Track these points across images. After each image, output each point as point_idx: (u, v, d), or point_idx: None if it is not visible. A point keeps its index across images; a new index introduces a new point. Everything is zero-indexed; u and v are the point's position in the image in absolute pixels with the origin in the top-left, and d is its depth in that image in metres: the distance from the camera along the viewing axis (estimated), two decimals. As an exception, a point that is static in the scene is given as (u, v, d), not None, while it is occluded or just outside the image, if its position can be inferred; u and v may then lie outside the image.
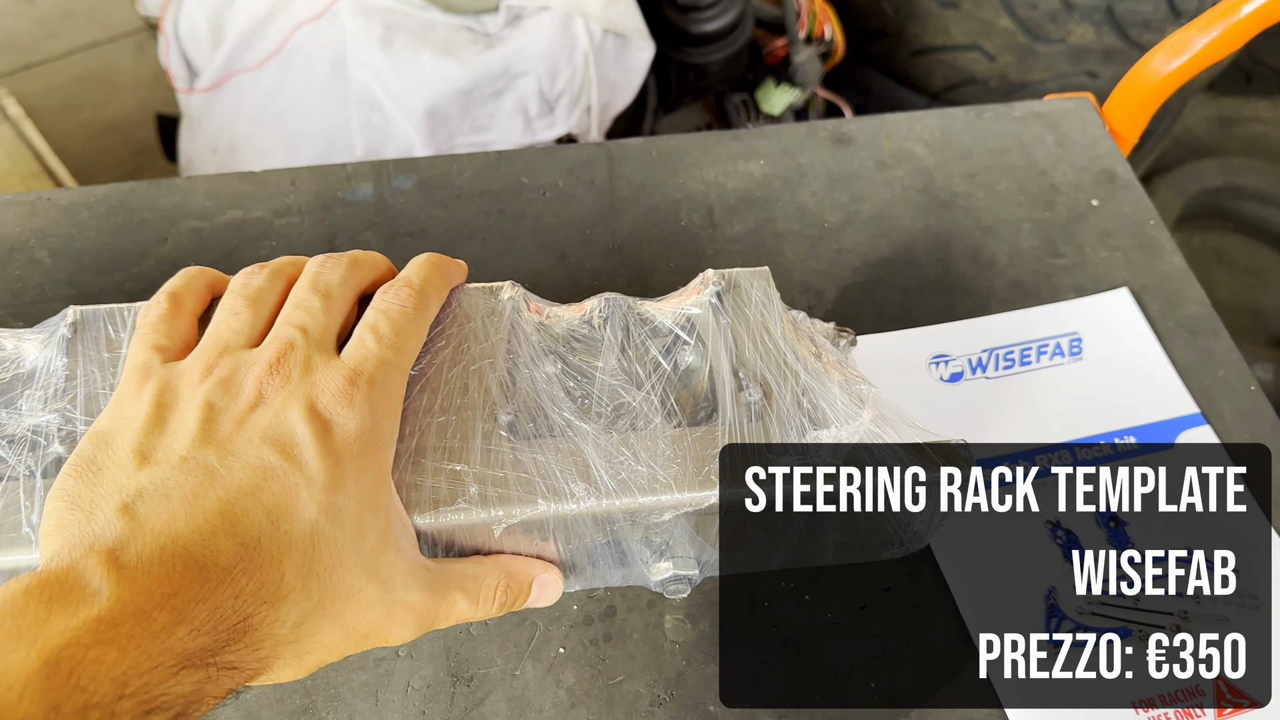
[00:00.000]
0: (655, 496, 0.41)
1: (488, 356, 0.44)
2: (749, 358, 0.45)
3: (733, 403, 0.43)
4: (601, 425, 0.43)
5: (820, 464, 0.42)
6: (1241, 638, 0.50)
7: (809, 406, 0.43)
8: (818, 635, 0.50)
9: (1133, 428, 0.57)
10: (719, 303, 0.46)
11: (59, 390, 0.42)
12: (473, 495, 0.41)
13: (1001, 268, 0.64)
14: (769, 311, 0.46)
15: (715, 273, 0.47)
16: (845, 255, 0.64)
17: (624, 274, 0.62)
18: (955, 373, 0.59)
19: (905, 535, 0.47)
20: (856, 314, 0.61)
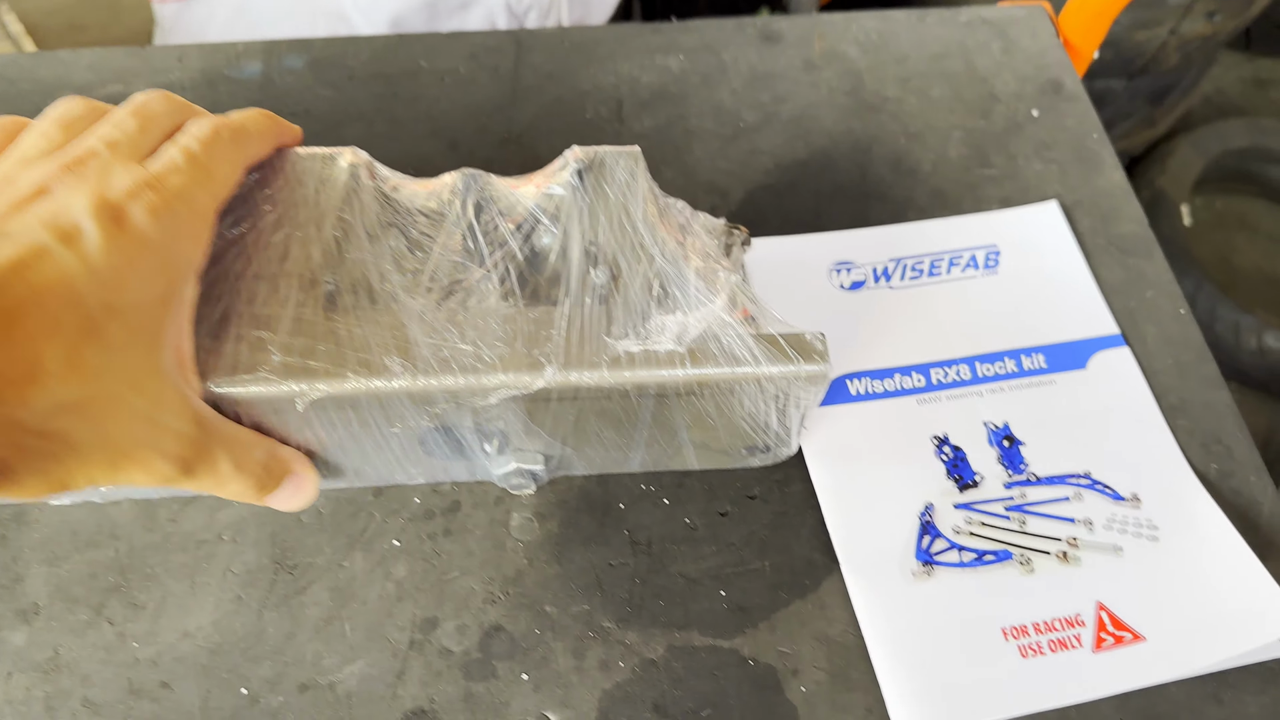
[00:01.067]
0: (477, 377, 0.38)
1: (314, 223, 0.41)
2: (603, 239, 0.41)
3: (578, 283, 0.40)
4: (431, 301, 0.40)
5: (665, 346, 0.39)
6: (1133, 568, 0.47)
7: (659, 291, 0.40)
8: (672, 540, 0.47)
9: (1043, 346, 0.53)
10: (579, 181, 0.43)
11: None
12: (276, 364, 0.38)
13: (924, 176, 0.60)
14: (632, 193, 0.43)
15: (580, 150, 0.43)
16: (758, 157, 0.60)
17: (516, 165, 0.58)
18: (857, 281, 0.55)
19: (766, 437, 0.44)
20: (762, 217, 0.57)
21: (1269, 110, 2.07)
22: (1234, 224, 1.88)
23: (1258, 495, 0.50)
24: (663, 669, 0.44)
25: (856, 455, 0.49)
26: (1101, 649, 0.45)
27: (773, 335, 0.40)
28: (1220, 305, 1.60)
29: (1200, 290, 1.61)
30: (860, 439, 0.50)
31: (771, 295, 0.54)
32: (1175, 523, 0.48)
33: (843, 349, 0.52)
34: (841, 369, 0.52)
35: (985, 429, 0.50)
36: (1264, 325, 1.58)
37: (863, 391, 0.51)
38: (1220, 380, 0.53)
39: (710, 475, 0.49)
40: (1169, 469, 0.50)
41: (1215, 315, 1.60)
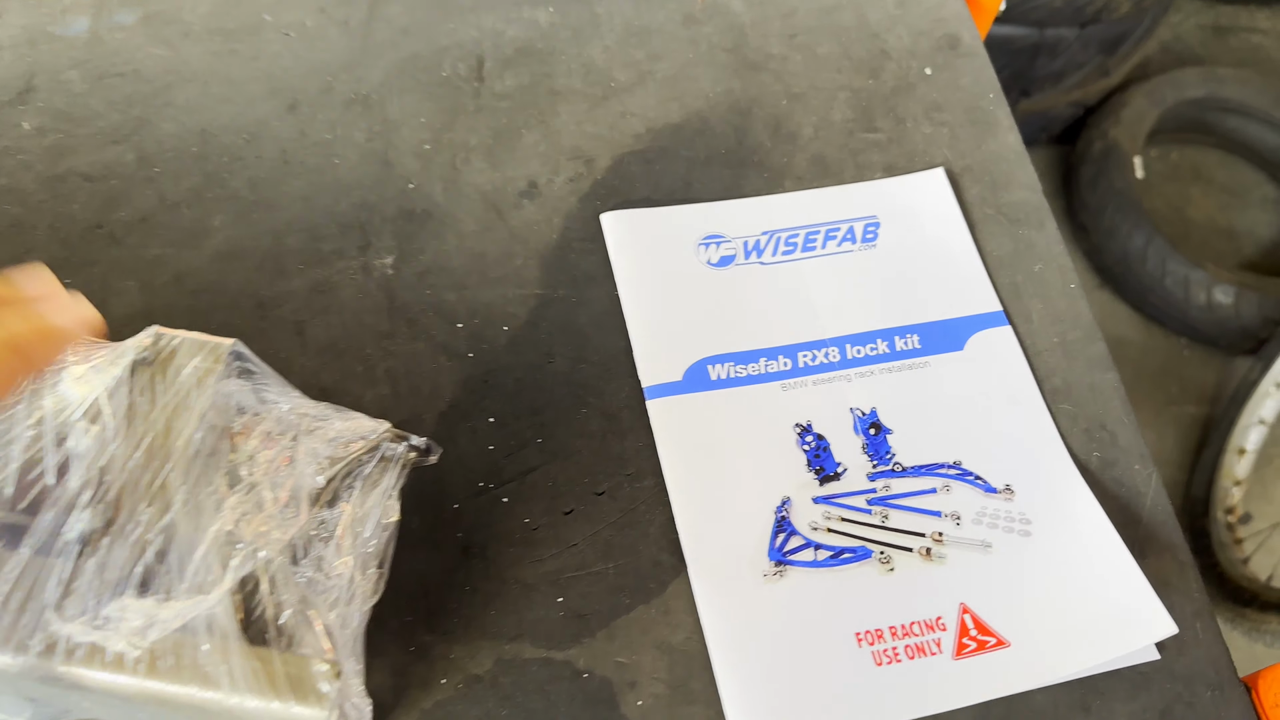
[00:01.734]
0: None
1: None
2: (120, 464, 0.33)
3: (55, 523, 0.32)
4: None
5: (115, 645, 0.31)
6: (1001, 566, 0.44)
7: (150, 559, 0.32)
8: (509, 543, 0.44)
9: (918, 325, 0.50)
10: (130, 377, 0.35)
11: None
12: None
13: (805, 141, 0.56)
14: (188, 406, 0.35)
15: (153, 333, 0.36)
16: (629, 119, 0.56)
17: (362, 129, 0.54)
18: (726, 255, 0.51)
19: None
20: (630, 185, 0.53)
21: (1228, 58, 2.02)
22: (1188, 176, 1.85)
23: (1140, 485, 0.47)
24: (489, 685, 0.41)
25: (713, 447, 0.46)
26: (963, 655, 0.42)
27: (271, 654, 0.32)
28: (1171, 260, 1.58)
29: (1151, 244, 1.58)
30: (718, 429, 0.46)
31: (635, 272, 0.50)
32: (1049, 517, 0.45)
33: (706, 330, 0.49)
34: (703, 352, 0.48)
35: (851, 416, 0.47)
36: (1214, 280, 1.56)
37: (724, 377, 0.48)
38: (1108, 361, 0.50)
39: (556, 469, 0.45)
40: (1047, 458, 0.47)
41: (1166, 270, 1.58)
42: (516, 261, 0.51)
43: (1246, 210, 1.84)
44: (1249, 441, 1.47)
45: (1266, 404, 1.49)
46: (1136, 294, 1.61)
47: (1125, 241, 1.60)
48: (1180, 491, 1.50)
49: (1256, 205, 1.85)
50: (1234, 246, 1.78)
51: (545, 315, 0.49)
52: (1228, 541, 1.40)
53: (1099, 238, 1.62)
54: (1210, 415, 1.59)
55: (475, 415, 0.46)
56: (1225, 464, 1.47)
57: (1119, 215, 1.63)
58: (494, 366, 0.48)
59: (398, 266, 0.50)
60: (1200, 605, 0.45)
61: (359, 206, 0.51)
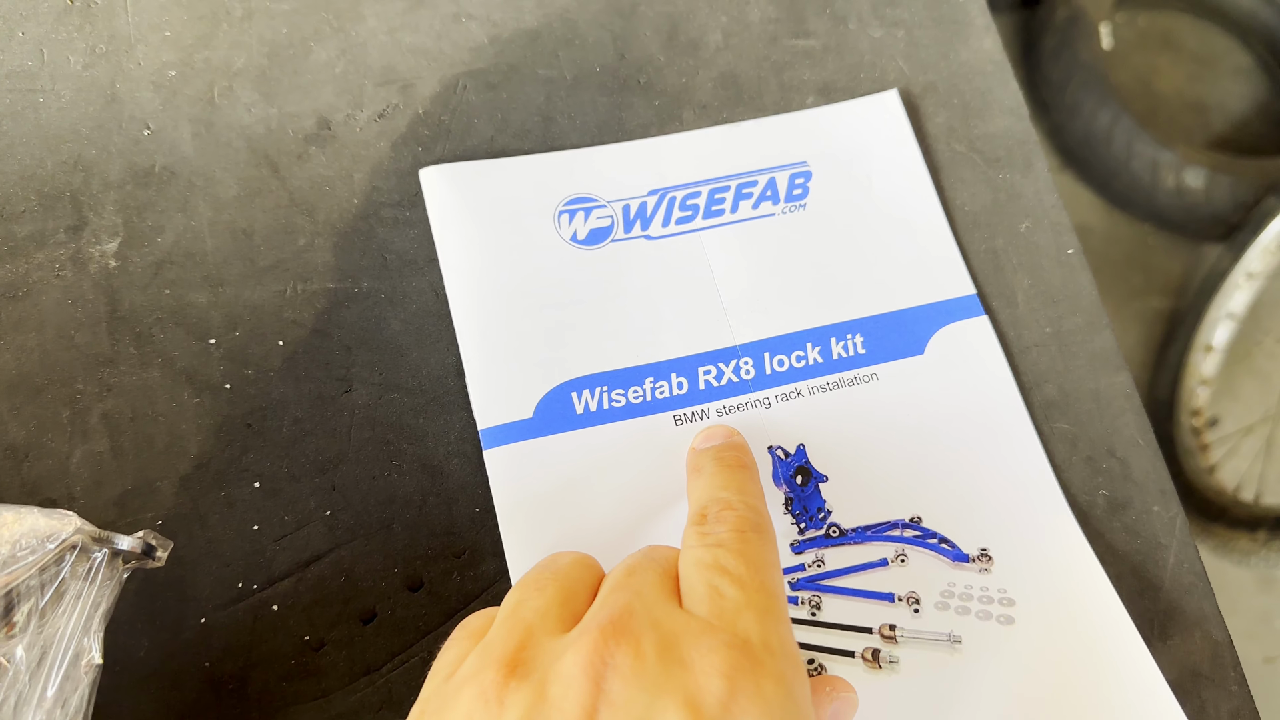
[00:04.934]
0: None
1: None
2: None
3: None
4: None
5: None
6: (974, 674, 0.32)
7: None
8: (281, 673, 0.31)
9: (863, 320, 0.36)
10: None
11: None
12: None
13: (710, 53, 0.40)
14: None
15: None
16: (466, 25, 0.40)
17: (80, 50, 0.37)
18: (599, 228, 0.37)
19: None
20: (465, 122, 0.38)
21: (1200, -89, 1.85)
22: (1157, 44, 1.70)
23: (1160, 534, 0.35)
24: None
25: (578, 514, 0.32)
26: (919, 806, 0.30)
27: None
28: (1138, 140, 1.45)
29: (1118, 123, 1.45)
30: (586, 487, 0.33)
31: (469, 255, 0.36)
32: (1039, 594, 0.33)
33: (569, 341, 0.35)
34: (564, 374, 0.34)
35: (771, 458, 0.34)
36: (1184, 162, 1.43)
37: (593, 409, 0.34)
38: (1118, 357, 0.37)
39: (353, 556, 0.32)
40: (1035, 506, 0.34)
41: (1133, 151, 1.45)
42: (299, 241, 0.36)
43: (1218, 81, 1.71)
44: (1216, 338, 1.37)
45: (1236, 296, 1.39)
46: (1101, 177, 1.49)
47: (1089, 120, 1.47)
48: (1143, 393, 1.41)
49: (1228, 75, 1.71)
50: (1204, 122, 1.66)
51: (340, 321, 0.35)
52: (1193, 448, 1.32)
53: (1061, 116, 1.48)
54: (1176, 308, 1.49)
55: (233, 479, 0.32)
56: (1191, 363, 1.38)
57: (1083, 90, 1.49)
58: (262, 403, 0.33)
59: (124, 254, 0.35)
60: (1240, 701, 0.33)
61: (71, 166, 0.36)
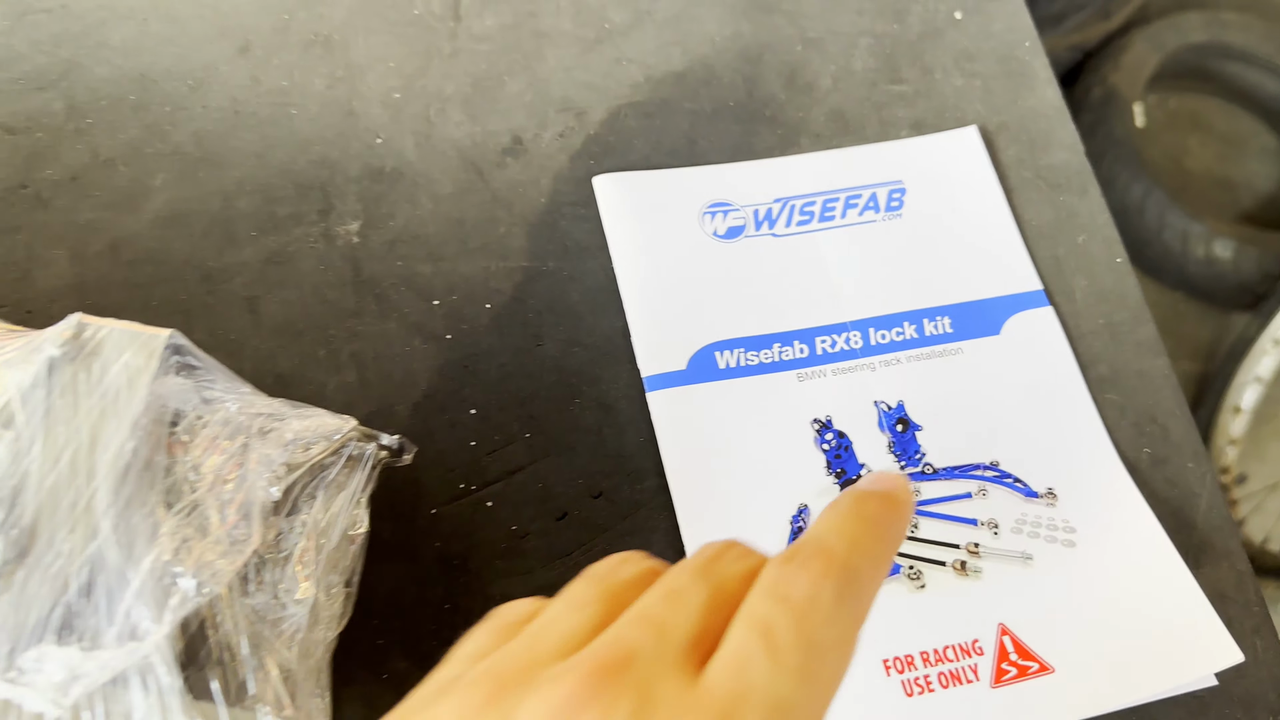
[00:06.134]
0: None
1: None
2: (35, 483, 0.28)
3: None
4: None
5: (32, 703, 0.26)
6: (1043, 581, 0.39)
7: (73, 598, 0.27)
8: (494, 553, 0.39)
9: (950, 306, 0.45)
10: (49, 380, 0.30)
11: None
12: None
13: (822, 93, 0.50)
14: (118, 410, 0.30)
15: (74, 325, 0.30)
16: (626, 66, 0.49)
17: (323, 75, 0.47)
18: (735, 226, 0.46)
19: None
20: (627, 143, 0.47)
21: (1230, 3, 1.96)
22: (1187, 124, 1.79)
23: (1194, 485, 0.42)
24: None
25: (722, 445, 0.41)
26: (1002, 682, 0.37)
27: (212, 710, 0.28)
28: (1169, 212, 1.53)
29: (1150, 196, 1.54)
30: (727, 425, 0.41)
31: (633, 244, 0.44)
32: (1096, 524, 0.40)
33: (712, 311, 0.43)
34: (709, 337, 0.43)
35: (876, 410, 0.42)
36: (1213, 234, 1.52)
37: (733, 365, 0.42)
38: (1159, 344, 0.45)
39: (547, 468, 0.40)
40: (1092, 457, 0.42)
41: (1164, 223, 1.54)
42: (499, 229, 0.45)
43: (1245, 161, 1.80)
44: (1245, 400, 1.44)
45: (1264, 361, 1.45)
46: (1134, 246, 1.57)
47: (1123, 193, 1.55)
48: (1174, 451, 1.47)
49: (1256, 156, 1.80)
50: (1232, 198, 1.74)
51: (533, 291, 0.44)
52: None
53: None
54: (1206, 372, 1.55)
55: (454, 407, 0.41)
56: (1220, 423, 1.44)
57: (1117, 165, 1.58)
58: (475, 350, 0.42)
59: (364, 234, 0.44)
60: (1260, 620, 0.40)
61: (319, 164, 0.45)
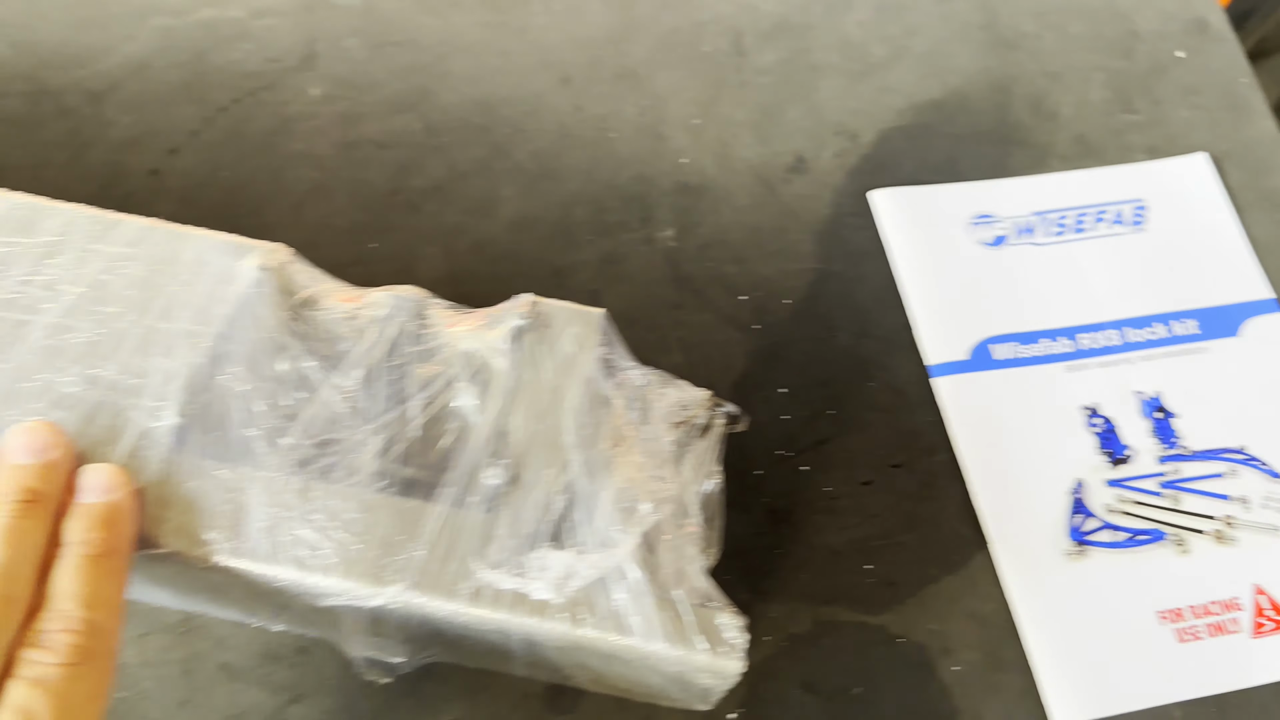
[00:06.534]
0: (308, 576, 0.32)
1: (189, 335, 0.35)
2: (517, 425, 0.35)
3: (467, 479, 0.34)
4: (288, 461, 0.34)
5: (539, 593, 0.33)
6: (1291, 548, 0.45)
7: (560, 513, 0.34)
8: (813, 510, 0.45)
9: (1194, 310, 0.50)
10: (515, 342, 0.37)
11: None
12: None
13: (1065, 120, 0.56)
14: (573, 370, 0.37)
15: (529, 301, 0.38)
16: (889, 95, 0.56)
17: (633, 104, 0.55)
18: (999, 236, 0.52)
19: (667, 697, 0.38)
20: (896, 161, 0.54)
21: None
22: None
23: None
24: (810, 644, 0.43)
25: (1002, 426, 0.47)
26: (1261, 633, 0.43)
27: (680, 607, 0.33)
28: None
29: None
30: (1007, 407, 0.48)
31: (911, 250, 0.51)
32: (1336, 501, 0.46)
33: (986, 309, 0.50)
34: (985, 332, 0.49)
35: (1136, 399, 0.48)
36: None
37: (1007, 357, 0.49)
38: (1379, 349, 0.50)
39: (850, 440, 0.47)
40: (1328, 444, 0.48)
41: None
42: (790, 236, 0.52)
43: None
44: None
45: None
46: None
47: None
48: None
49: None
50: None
51: (824, 289, 0.51)
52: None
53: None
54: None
55: (767, 385, 0.48)
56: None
57: None
58: (779, 339, 0.49)
59: (679, 239, 0.51)
60: None
61: (637, 180, 0.53)
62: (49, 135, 0.52)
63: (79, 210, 0.39)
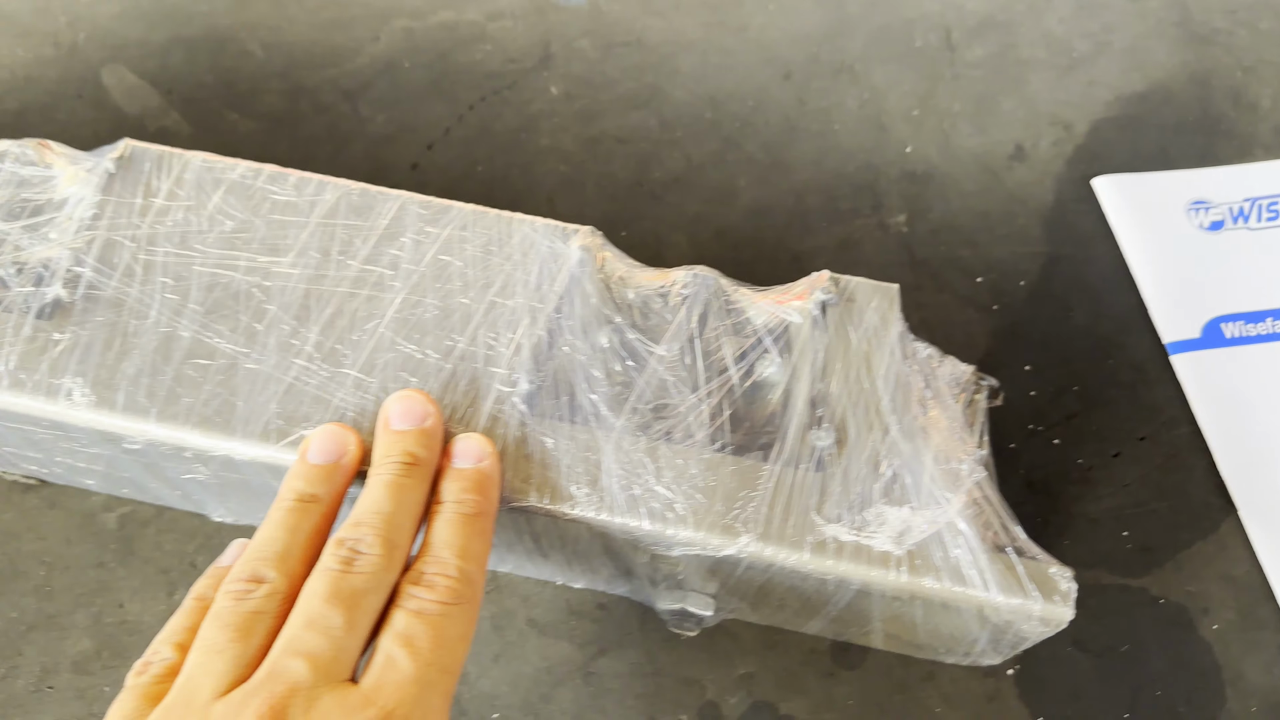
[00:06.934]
0: (665, 528, 0.35)
1: (531, 310, 0.39)
2: (835, 391, 0.38)
3: (796, 440, 0.37)
4: (633, 424, 0.37)
5: (881, 545, 0.35)
6: None
7: (888, 473, 0.37)
8: (1068, 480, 0.48)
9: None
10: (821, 315, 0.39)
11: (81, 226, 0.39)
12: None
13: (1265, 112, 0.58)
14: (879, 342, 0.39)
15: (830, 277, 0.40)
16: (1096, 88, 0.59)
17: (853, 97, 0.58)
18: (1216, 221, 0.54)
19: (970, 652, 0.41)
20: (1109, 150, 0.56)
21: None
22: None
23: None
24: (1077, 605, 0.45)
25: (1242, 400, 0.49)
26: None
27: (1011, 560, 0.36)
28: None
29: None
30: (1243, 382, 0.50)
31: (1136, 234, 0.53)
32: None
33: (1213, 290, 0.52)
34: (1214, 311, 0.51)
35: (1369, 373, 0.50)
36: None
37: (1237, 335, 0.51)
38: None
39: (1096, 415, 0.49)
40: None
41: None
42: (1018, 221, 0.54)
43: None
44: None
45: None
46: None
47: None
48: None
49: None
50: None
51: (1055, 271, 0.53)
52: None
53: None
54: None
55: (1011, 363, 0.50)
56: None
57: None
58: (1017, 318, 0.52)
59: (910, 224, 0.54)
60: None
61: (864, 169, 0.55)
62: (310, 130, 0.55)
63: (409, 196, 0.42)
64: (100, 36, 0.57)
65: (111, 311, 0.38)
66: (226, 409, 0.37)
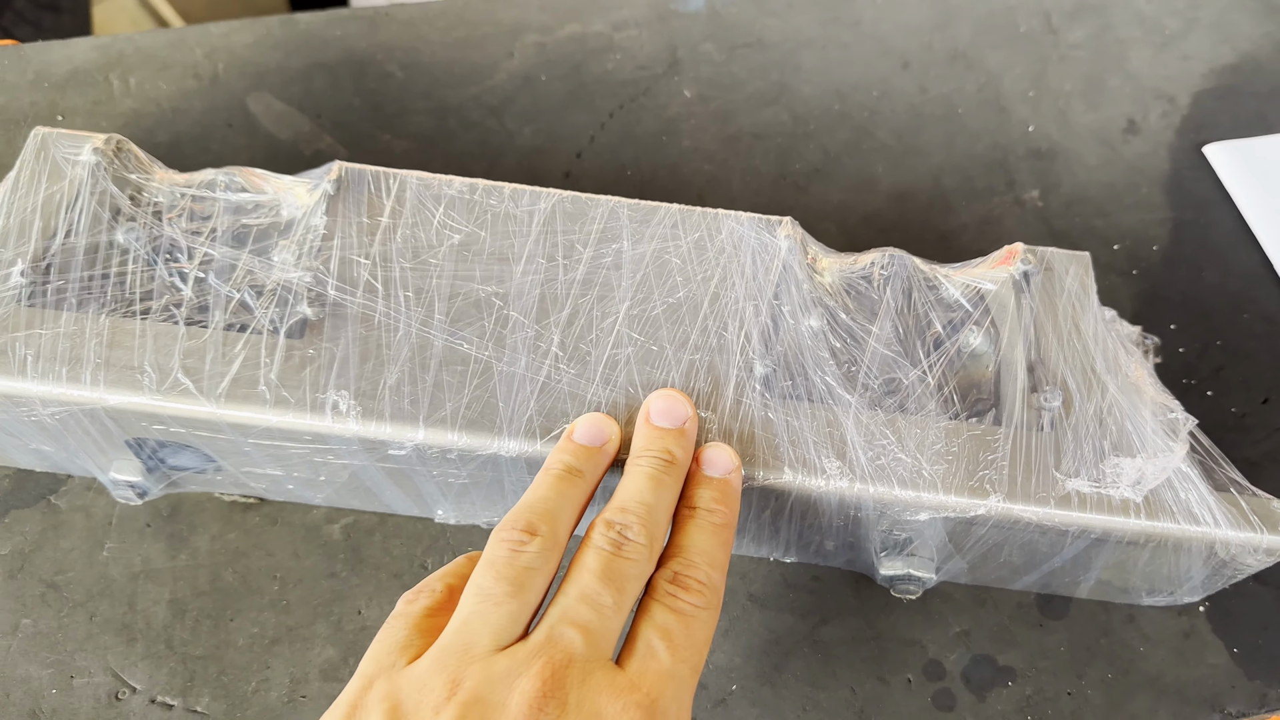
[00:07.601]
0: (916, 493, 0.37)
1: (752, 299, 0.41)
2: (1050, 355, 0.41)
3: (1023, 403, 0.39)
4: (866, 399, 0.39)
5: (1122, 493, 0.38)
6: None
7: (1114, 428, 0.39)
8: (1225, 429, 0.51)
9: None
10: (1025, 283, 0.42)
11: (314, 248, 0.41)
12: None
13: (1353, 74, 0.62)
14: (1083, 305, 0.42)
15: (1026, 248, 0.43)
16: (1191, 62, 0.62)
17: (971, 82, 0.60)
18: (1327, 179, 0.58)
19: (1180, 589, 0.43)
20: (1213, 120, 0.60)
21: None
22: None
23: None
24: (1257, 542, 0.48)
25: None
26: None
27: (1234, 497, 0.39)
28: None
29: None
30: (1372, 325, 0.53)
31: (1253, 196, 0.57)
32: None
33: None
34: (1336, 262, 0.55)
35: None
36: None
37: (1361, 281, 0.54)
38: None
39: (1240, 366, 0.52)
40: None
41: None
42: (1141, 190, 0.57)
43: None
44: None
45: None
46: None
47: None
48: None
49: None
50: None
51: (1182, 235, 0.56)
52: None
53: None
54: None
55: (1159, 323, 0.53)
56: None
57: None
58: (1156, 281, 0.55)
59: (1044, 198, 0.57)
60: None
61: (993, 148, 0.58)
62: (462, 146, 0.57)
63: (617, 200, 0.44)
64: (239, 66, 0.59)
65: (361, 326, 0.40)
66: (490, 411, 0.39)
